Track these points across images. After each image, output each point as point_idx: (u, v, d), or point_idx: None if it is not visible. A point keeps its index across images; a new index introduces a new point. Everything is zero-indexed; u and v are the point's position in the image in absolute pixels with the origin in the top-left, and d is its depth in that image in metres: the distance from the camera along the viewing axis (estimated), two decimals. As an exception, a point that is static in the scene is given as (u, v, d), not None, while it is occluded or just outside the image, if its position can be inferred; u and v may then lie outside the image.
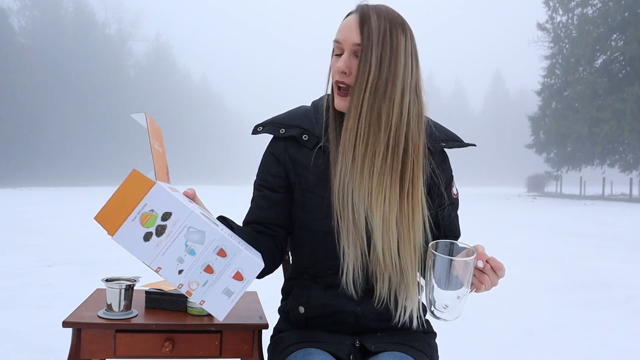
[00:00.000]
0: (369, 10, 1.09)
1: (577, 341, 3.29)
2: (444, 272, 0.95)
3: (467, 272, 0.95)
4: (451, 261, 0.94)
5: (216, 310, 0.91)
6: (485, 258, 1.00)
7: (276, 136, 1.22)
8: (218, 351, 1.27)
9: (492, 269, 1.00)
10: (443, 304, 0.96)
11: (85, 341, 1.24)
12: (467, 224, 1.07)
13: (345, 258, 1.12)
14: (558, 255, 7.01)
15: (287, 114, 1.23)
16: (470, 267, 0.95)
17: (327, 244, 1.14)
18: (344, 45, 1.10)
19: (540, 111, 33.61)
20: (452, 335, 3.29)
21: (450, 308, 0.96)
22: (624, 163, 29.35)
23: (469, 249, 0.97)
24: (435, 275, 0.95)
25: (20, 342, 3.04)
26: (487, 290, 1.02)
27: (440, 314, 0.97)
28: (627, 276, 5.56)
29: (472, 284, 0.99)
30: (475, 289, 1.01)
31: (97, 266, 5.58)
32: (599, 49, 29.34)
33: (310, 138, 1.18)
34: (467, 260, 0.95)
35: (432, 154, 1.19)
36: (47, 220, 11.02)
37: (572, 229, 10.68)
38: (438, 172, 1.21)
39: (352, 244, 1.11)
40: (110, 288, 1.28)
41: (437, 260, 0.95)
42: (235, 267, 0.90)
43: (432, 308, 0.97)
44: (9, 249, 6.79)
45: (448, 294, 0.96)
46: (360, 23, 1.08)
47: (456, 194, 1.27)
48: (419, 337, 1.20)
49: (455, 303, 0.96)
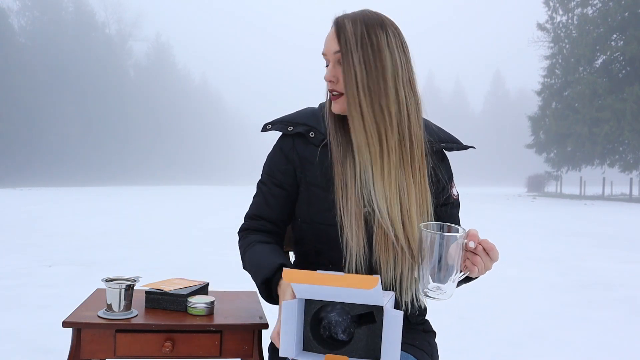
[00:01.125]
0: (343, 19, 1.15)
1: (577, 341, 3.29)
2: (434, 251, 0.95)
3: (457, 251, 0.95)
4: (442, 239, 0.94)
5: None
6: (477, 240, 1.00)
7: (284, 133, 1.26)
8: (218, 351, 1.27)
9: (484, 251, 1.00)
10: (435, 285, 0.96)
11: (85, 341, 1.24)
12: (467, 224, 1.07)
13: (347, 250, 1.14)
14: (558, 255, 7.01)
15: (295, 113, 1.29)
16: (459, 246, 0.95)
17: (330, 236, 1.16)
18: (328, 56, 1.17)
19: (540, 111, 33.61)
20: (452, 334, 3.29)
21: (442, 288, 0.96)
22: (624, 163, 29.35)
23: (460, 229, 0.98)
24: (425, 255, 0.96)
25: (20, 342, 3.04)
26: (481, 273, 1.02)
27: (433, 293, 0.97)
28: (627, 276, 5.57)
29: (465, 267, 0.99)
30: (469, 271, 1.01)
31: (97, 266, 5.58)
32: (599, 49, 29.34)
33: (317, 135, 1.22)
34: (457, 236, 0.95)
35: (431, 153, 1.21)
36: (47, 220, 11.02)
37: (572, 229, 10.68)
38: (437, 171, 1.22)
39: (355, 236, 1.13)
40: (110, 288, 1.28)
41: (427, 237, 0.95)
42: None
43: (425, 288, 0.97)
44: (9, 249, 6.79)
45: (439, 274, 0.96)
46: (336, 32, 1.14)
47: (456, 195, 1.29)
48: (419, 335, 1.22)
49: (448, 283, 0.96)
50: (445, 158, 1.28)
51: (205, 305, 1.32)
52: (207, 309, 1.32)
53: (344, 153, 1.17)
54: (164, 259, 5.86)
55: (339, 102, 1.16)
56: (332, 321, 0.92)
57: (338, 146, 1.18)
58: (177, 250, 6.86)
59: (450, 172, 1.28)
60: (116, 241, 7.45)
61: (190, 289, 1.40)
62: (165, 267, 5.43)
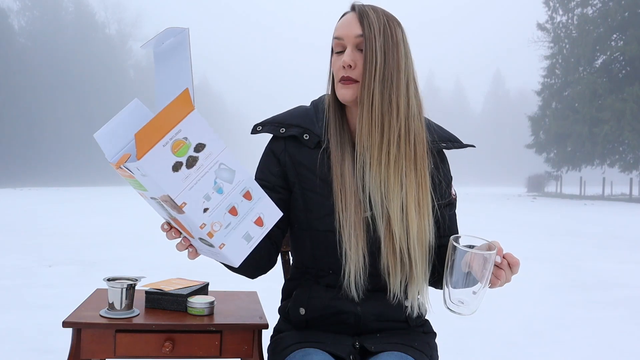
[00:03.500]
0: (364, 6, 1.13)
1: (577, 341, 3.29)
2: (463, 267, 0.94)
3: (486, 267, 0.94)
4: (471, 255, 0.93)
5: (234, 255, 0.87)
6: (502, 254, 1.00)
7: (276, 135, 1.22)
8: (218, 351, 1.27)
9: (508, 265, 1.00)
10: (459, 298, 0.95)
11: (85, 341, 1.24)
12: (467, 224, 1.06)
13: (347, 260, 1.12)
14: (558, 255, 7.01)
15: (287, 113, 1.24)
16: (489, 262, 0.94)
17: (329, 243, 1.15)
18: (346, 40, 1.13)
19: (540, 111, 33.62)
20: (452, 335, 3.29)
21: (466, 303, 0.96)
22: (624, 163, 29.36)
23: (489, 243, 0.97)
24: (453, 269, 0.94)
25: (20, 342, 3.04)
26: (501, 286, 1.02)
27: (456, 307, 0.96)
28: (627, 276, 5.57)
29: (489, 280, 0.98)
30: (491, 284, 1.00)
31: (97, 266, 5.58)
32: (599, 49, 29.35)
33: (311, 137, 1.18)
34: (487, 254, 0.94)
35: (432, 153, 1.20)
36: (47, 220, 11.02)
37: (572, 229, 10.68)
38: (439, 172, 1.22)
39: (354, 245, 1.12)
40: (112, 287, 1.28)
41: (457, 253, 0.94)
42: (258, 212, 0.86)
43: (449, 302, 0.96)
44: (9, 248, 6.79)
45: (464, 288, 0.95)
46: (359, 17, 1.12)
47: (455, 195, 1.28)
48: (419, 337, 1.21)
49: (472, 298, 0.95)
50: (445, 159, 1.27)
51: (205, 305, 1.32)
52: (207, 309, 1.32)
53: (343, 152, 1.15)
54: (164, 259, 5.85)
55: (351, 88, 1.12)
56: None
57: (337, 144, 1.15)
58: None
59: (449, 173, 1.27)
60: (116, 241, 7.43)
61: (190, 289, 1.40)
62: (165, 267, 5.42)
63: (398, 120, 1.10)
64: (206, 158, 0.81)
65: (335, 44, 1.15)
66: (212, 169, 0.82)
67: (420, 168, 1.14)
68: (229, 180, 0.84)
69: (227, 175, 0.83)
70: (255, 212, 0.86)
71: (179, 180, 0.80)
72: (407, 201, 1.11)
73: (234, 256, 0.87)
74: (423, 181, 1.14)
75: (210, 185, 0.82)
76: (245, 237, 0.86)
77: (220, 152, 0.83)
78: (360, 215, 1.12)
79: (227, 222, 0.84)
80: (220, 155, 0.83)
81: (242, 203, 0.85)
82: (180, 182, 0.80)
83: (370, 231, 1.13)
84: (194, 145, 0.81)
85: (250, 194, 0.86)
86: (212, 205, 0.83)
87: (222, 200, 0.84)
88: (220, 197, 0.83)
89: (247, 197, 0.85)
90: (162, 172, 0.79)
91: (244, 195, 0.85)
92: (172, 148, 0.79)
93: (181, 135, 0.80)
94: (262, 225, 0.87)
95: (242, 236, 0.86)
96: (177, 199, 0.81)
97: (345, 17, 1.15)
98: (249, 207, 0.86)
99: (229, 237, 0.85)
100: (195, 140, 0.81)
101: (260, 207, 0.87)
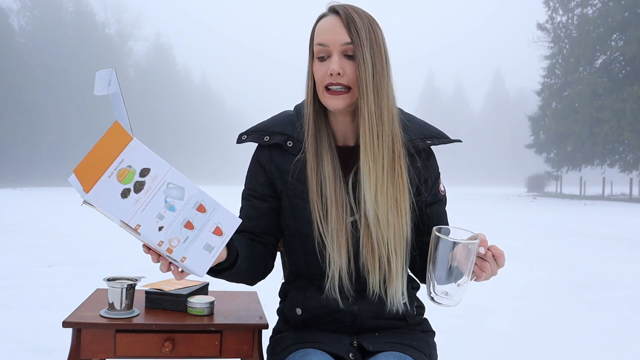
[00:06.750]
0: (347, 9, 1.09)
1: (577, 341, 3.29)
2: (446, 257, 0.93)
3: (468, 258, 0.94)
4: (454, 245, 0.93)
5: (197, 266, 0.90)
6: (486, 245, 0.99)
7: (261, 144, 1.22)
8: (218, 351, 1.27)
9: (493, 257, 0.99)
10: (443, 290, 0.95)
11: (85, 341, 1.24)
12: (467, 224, 1.06)
13: (330, 265, 1.13)
14: (558, 255, 7.01)
15: (270, 121, 1.23)
16: (472, 253, 0.94)
17: (319, 248, 1.15)
18: (332, 47, 1.09)
19: (540, 111, 33.62)
20: (451, 334, 3.29)
21: (450, 295, 0.95)
22: (624, 163, 29.35)
23: (471, 234, 0.96)
24: (436, 260, 0.94)
25: (20, 342, 3.04)
26: (487, 279, 1.01)
27: (440, 299, 0.96)
28: (627, 276, 5.57)
29: (472, 272, 0.97)
30: (476, 277, 1.00)
31: (97, 266, 5.58)
32: (599, 49, 29.35)
33: (295, 144, 1.17)
34: (469, 244, 0.93)
35: (417, 152, 1.19)
36: (47, 220, 11.02)
37: (572, 229, 10.68)
38: (425, 170, 1.21)
39: (337, 250, 1.12)
40: (112, 287, 1.28)
41: (440, 243, 0.93)
42: (215, 222, 0.90)
43: (432, 294, 0.96)
44: (9, 249, 6.79)
45: (448, 280, 0.94)
46: (346, 22, 1.08)
47: (444, 191, 1.27)
48: (418, 336, 1.21)
49: (456, 290, 0.95)
50: (432, 156, 1.25)
51: (205, 305, 1.32)
52: (207, 309, 1.32)
53: (320, 160, 1.13)
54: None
55: (343, 98, 1.09)
56: None
57: (314, 153, 1.14)
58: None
59: (437, 169, 1.26)
60: (116, 241, 7.44)
61: (190, 289, 1.40)
62: (165, 267, 5.42)
63: (390, 126, 1.10)
64: (153, 180, 0.86)
65: (318, 50, 1.11)
66: (161, 190, 0.86)
67: (398, 167, 1.12)
68: (180, 197, 0.88)
69: (176, 193, 0.87)
70: (212, 223, 0.90)
71: (129, 205, 0.85)
72: (387, 200, 1.11)
73: (198, 267, 0.90)
74: (400, 180, 1.12)
75: (161, 204, 0.87)
76: (206, 247, 0.90)
77: (166, 172, 0.87)
78: (343, 220, 1.12)
79: (185, 237, 0.88)
80: (166, 176, 0.87)
81: (197, 216, 0.89)
82: (131, 206, 0.85)
83: (355, 234, 1.14)
84: (139, 171, 0.86)
85: (204, 206, 0.89)
86: (166, 223, 0.87)
87: (176, 216, 0.88)
88: (173, 214, 0.88)
89: (201, 209, 0.89)
90: (111, 200, 0.84)
91: (197, 208, 0.89)
92: (117, 177, 0.85)
93: (125, 164, 0.85)
94: (221, 234, 0.91)
95: (202, 247, 0.90)
96: (130, 223, 0.85)
97: (327, 21, 1.10)
98: (204, 219, 0.90)
99: (189, 250, 0.89)
100: (140, 166, 0.86)
101: (216, 217, 0.90)
